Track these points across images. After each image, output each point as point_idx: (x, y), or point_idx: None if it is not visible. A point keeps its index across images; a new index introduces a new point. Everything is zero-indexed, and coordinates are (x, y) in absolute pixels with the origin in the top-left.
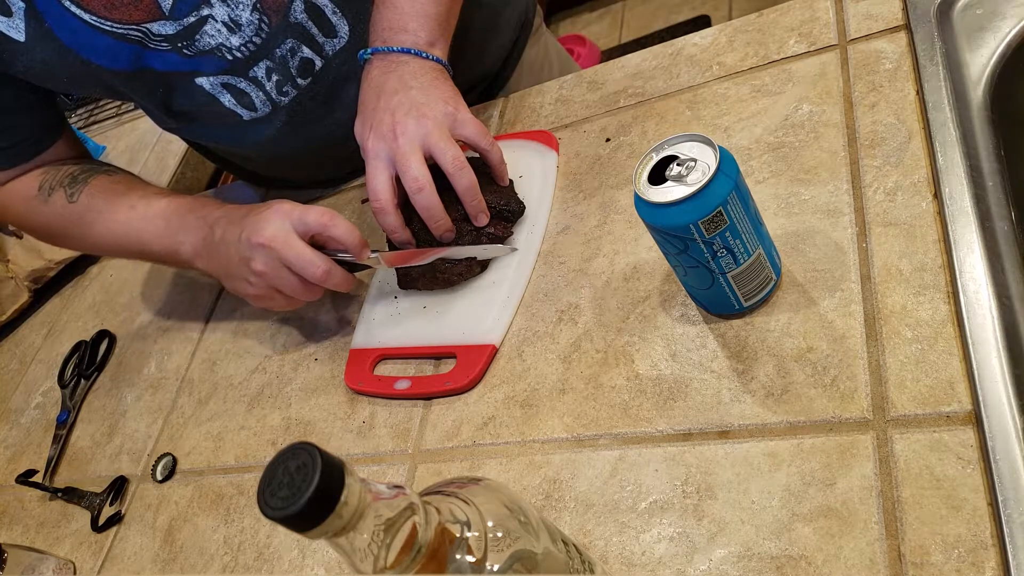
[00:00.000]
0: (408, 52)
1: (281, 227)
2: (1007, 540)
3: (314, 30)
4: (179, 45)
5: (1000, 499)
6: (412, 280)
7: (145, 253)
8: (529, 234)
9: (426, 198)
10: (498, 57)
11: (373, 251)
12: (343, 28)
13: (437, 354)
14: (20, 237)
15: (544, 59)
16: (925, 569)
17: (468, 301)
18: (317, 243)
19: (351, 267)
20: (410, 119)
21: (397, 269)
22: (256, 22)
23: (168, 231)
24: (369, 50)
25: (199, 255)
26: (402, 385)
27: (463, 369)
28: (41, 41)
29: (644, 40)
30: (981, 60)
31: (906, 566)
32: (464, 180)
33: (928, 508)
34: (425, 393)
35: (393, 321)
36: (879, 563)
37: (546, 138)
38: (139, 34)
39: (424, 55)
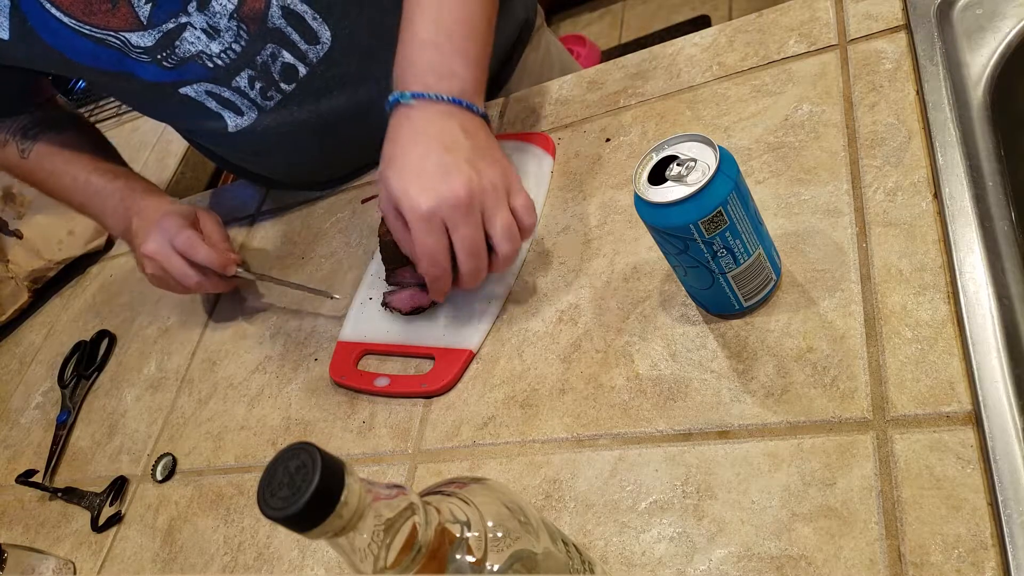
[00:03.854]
0: (459, 104)
1: (161, 243)
2: (1007, 540)
3: (295, 36)
4: (159, 57)
5: (1000, 499)
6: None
7: (88, 216)
8: None
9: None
10: (498, 57)
11: (240, 267)
12: (325, 34)
13: (417, 354)
14: (20, 237)
15: (545, 59)
16: (925, 569)
17: (451, 304)
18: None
19: None
20: (463, 179)
21: (385, 268)
22: (235, 29)
23: (103, 210)
24: (409, 94)
25: (123, 238)
26: (381, 382)
27: (439, 372)
28: (25, 40)
29: (644, 40)
30: (981, 60)
31: (906, 566)
32: (507, 249)
33: (928, 508)
34: (402, 392)
35: (380, 316)
36: (879, 563)
37: (543, 141)
38: (118, 42)
39: (473, 108)
